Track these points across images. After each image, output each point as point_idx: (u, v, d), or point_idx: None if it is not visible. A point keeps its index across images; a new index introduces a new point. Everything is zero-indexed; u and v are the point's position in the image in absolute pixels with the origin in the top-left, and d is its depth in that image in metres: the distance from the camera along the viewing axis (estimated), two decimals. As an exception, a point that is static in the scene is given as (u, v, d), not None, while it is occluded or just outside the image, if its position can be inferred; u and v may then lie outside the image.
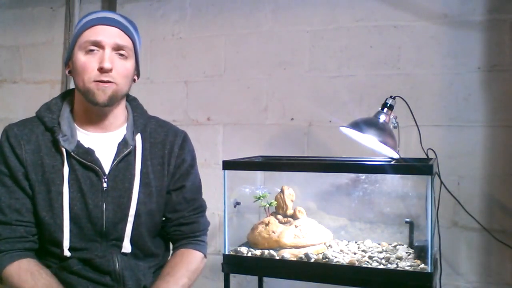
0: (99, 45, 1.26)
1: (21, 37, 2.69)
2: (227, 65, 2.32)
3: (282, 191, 1.83)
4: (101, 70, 1.25)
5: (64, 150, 1.28)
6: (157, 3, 2.43)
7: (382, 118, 1.70)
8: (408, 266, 1.56)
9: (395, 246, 1.79)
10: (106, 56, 1.25)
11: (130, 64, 1.32)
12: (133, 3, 2.47)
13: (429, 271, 1.52)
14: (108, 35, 1.27)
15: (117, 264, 1.30)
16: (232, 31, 2.30)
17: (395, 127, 1.73)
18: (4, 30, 2.73)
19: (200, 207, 1.48)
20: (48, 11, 2.65)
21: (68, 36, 2.58)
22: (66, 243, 1.27)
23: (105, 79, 1.26)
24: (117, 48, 1.28)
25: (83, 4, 2.58)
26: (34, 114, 1.37)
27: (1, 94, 2.74)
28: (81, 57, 1.27)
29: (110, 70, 1.26)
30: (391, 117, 1.72)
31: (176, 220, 1.43)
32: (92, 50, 1.26)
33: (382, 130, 1.65)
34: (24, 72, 2.70)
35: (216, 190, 2.03)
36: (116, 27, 1.29)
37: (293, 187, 1.84)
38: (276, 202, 1.83)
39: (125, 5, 2.47)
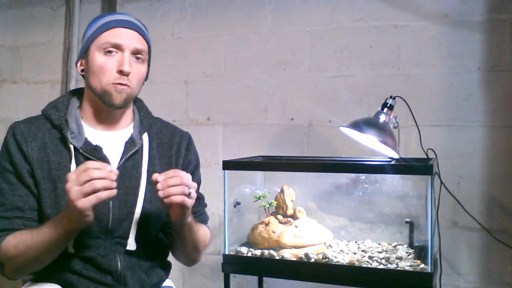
0: (119, 47, 1.28)
1: (21, 37, 2.69)
2: (227, 65, 2.32)
3: (282, 191, 1.83)
4: (121, 73, 1.27)
5: (72, 147, 1.29)
6: (157, 3, 2.43)
7: (382, 118, 1.70)
8: (408, 266, 1.56)
9: (395, 246, 1.79)
10: (126, 60, 1.27)
11: (144, 68, 1.34)
12: (133, 3, 2.47)
13: (429, 271, 1.52)
14: (129, 38, 1.29)
15: (119, 264, 1.30)
16: (232, 31, 2.30)
17: (395, 127, 1.73)
18: (4, 30, 2.73)
19: (204, 202, 1.52)
20: (48, 11, 2.65)
21: (69, 36, 2.58)
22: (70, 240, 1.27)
23: (123, 82, 1.28)
24: (136, 52, 1.30)
25: (83, 4, 2.58)
26: (35, 114, 1.37)
27: (1, 94, 2.74)
28: (99, 58, 1.28)
29: (129, 74, 1.28)
30: (391, 117, 1.72)
31: None
32: (110, 52, 1.28)
33: (382, 130, 1.66)
34: (24, 72, 2.70)
35: (216, 190, 2.03)
36: (135, 30, 1.31)
37: (293, 187, 1.84)
38: (276, 202, 1.83)
39: (125, 5, 2.47)
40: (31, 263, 1.23)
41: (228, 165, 1.73)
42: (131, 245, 1.32)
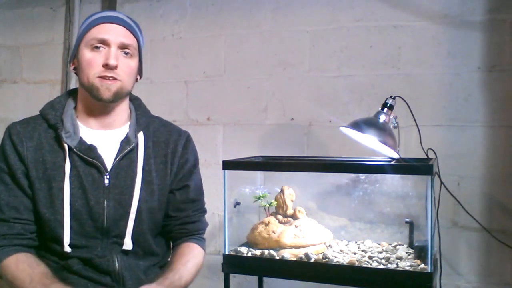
0: (105, 42, 1.29)
1: (21, 37, 2.69)
2: (227, 65, 2.32)
3: (282, 191, 1.83)
4: (106, 66, 1.27)
5: (66, 146, 1.29)
6: (157, 3, 2.43)
7: (382, 118, 1.70)
8: (408, 266, 1.56)
9: (395, 246, 1.79)
10: (111, 54, 1.28)
11: (134, 62, 1.34)
12: (133, 3, 2.47)
13: (429, 271, 1.52)
14: (114, 33, 1.30)
15: (116, 264, 1.30)
16: (232, 31, 2.30)
17: (395, 127, 1.73)
18: (4, 30, 2.73)
19: (202, 208, 1.51)
20: (48, 11, 2.65)
21: (69, 36, 2.58)
22: (66, 239, 1.27)
23: (109, 75, 1.28)
24: (122, 47, 1.31)
25: (83, 4, 2.58)
26: (35, 114, 1.38)
27: (1, 94, 2.74)
28: (87, 54, 1.29)
29: (115, 67, 1.28)
30: (391, 117, 1.72)
31: (181, 219, 1.45)
32: (97, 47, 1.29)
33: (382, 130, 1.65)
34: (24, 72, 2.70)
35: (216, 190, 2.03)
36: (122, 25, 1.32)
37: (293, 187, 1.84)
38: (276, 202, 1.83)
39: (125, 5, 2.47)
40: None
41: (228, 165, 1.73)
42: (128, 244, 1.32)
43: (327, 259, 1.63)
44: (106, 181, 1.31)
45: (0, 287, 1.34)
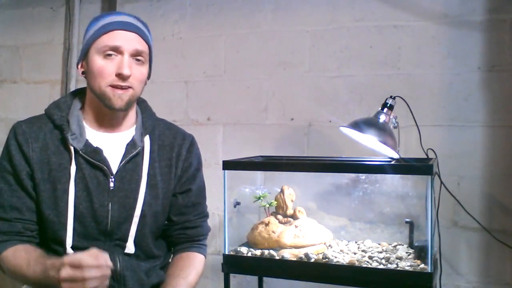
0: (118, 50, 1.26)
1: (21, 37, 2.69)
2: (227, 65, 2.32)
3: (282, 191, 1.83)
4: (120, 76, 1.25)
5: (72, 148, 1.28)
6: (157, 3, 2.43)
7: (382, 118, 1.70)
8: (408, 266, 1.56)
9: (395, 246, 1.79)
10: (125, 63, 1.25)
11: (145, 69, 1.32)
12: (133, 3, 2.47)
13: (429, 271, 1.52)
14: (128, 41, 1.27)
15: (118, 265, 1.29)
16: (232, 31, 2.30)
17: (395, 127, 1.73)
18: (4, 30, 2.73)
19: (203, 212, 1.49)
20: (48, 11, 2.65)
21: (69, 36, 2.58)
22: (69, 241, 1.27)
23: (122, 84, 1.26)
24: (136, 54, 1.28)
25: (83, 4, 2.58)
26: (35, 114, 1.37)
27: (1, 94, 2.74)
28: (98, 61, 1.26)
29: (128, 77, 1.26)
30: (391, 117, 1.72)
31: (181, 224, 1.44)
32: (110, 55, 1.26)
33: (382, 130, 1.66)
34: (24, 72, 2.70)
35: (216, 190, 2.02)
36: (135, 32, 1.29)
37: (293, 187, 1.84)
38: (276, 202, 1.83)
39: (125, 5, 2.48)
40: (27, 283, 1.27)
41: (228, 165, 1.73)
42: (130, 248, 1.32)
43: (327, 259, 1.63)
44: (111, 184, 1.30)
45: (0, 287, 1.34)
